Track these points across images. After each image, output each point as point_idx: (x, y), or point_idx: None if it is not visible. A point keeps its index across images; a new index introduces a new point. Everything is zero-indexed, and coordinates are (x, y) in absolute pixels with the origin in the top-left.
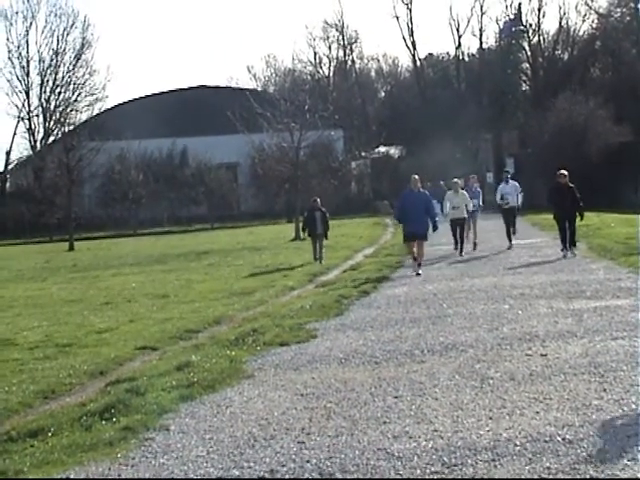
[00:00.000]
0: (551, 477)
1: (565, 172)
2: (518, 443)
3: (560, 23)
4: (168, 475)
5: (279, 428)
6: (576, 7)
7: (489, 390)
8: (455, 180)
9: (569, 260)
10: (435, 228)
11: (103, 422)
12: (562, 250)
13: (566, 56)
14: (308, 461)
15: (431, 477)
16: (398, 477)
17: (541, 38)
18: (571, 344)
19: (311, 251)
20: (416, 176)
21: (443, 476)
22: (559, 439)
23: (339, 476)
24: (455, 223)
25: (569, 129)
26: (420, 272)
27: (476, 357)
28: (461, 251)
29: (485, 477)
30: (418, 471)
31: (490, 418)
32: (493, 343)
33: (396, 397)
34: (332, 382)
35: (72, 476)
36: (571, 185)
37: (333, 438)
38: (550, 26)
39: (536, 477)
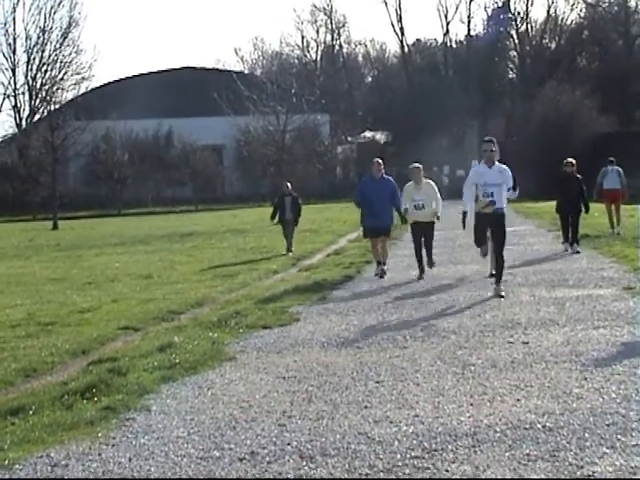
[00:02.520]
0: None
1: (573, 160)
2: (498, 430)
3: (548, 12)
4: (148, 455)
5: (260, 410)
6: None
7: (470, 377)
8: (415, 165)
9: (553, 249)
10: (404, 220)
11: (84, 401)
12: (563, 243)
13: (553, 45)
14: (289, 444)
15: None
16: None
17: (529, 26)
18: (553, 332)
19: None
20: (379, 160)
21: (424, 462)
22: (539, 426)
23: (319, 459)
24: (417, 230)
25: (555, 118)
26: (385, 269)
27: (458, 344)
28: (421, 273)
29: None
30: (398, 456)
31: (471, 404)
32: (475, 330)
33: (377, 382)
34: (314, 366)
35: (52, 454)
36: (578, 175)
37: (314, 421)
38: (538, 14)
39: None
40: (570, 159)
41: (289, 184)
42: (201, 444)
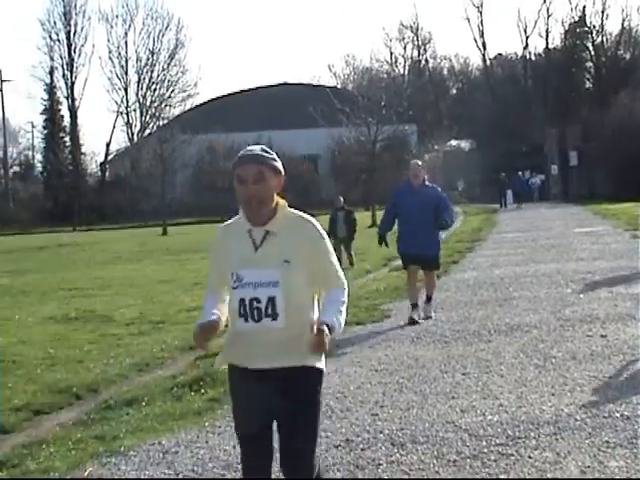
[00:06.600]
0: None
1: None
2: (578, 418)
3: (622, 25)
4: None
5: (355, 401)
6: (638, 9)
7: (551, 368)
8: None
9: (629, 247)
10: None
11: (192, 393)
12: None
13: (628, 56)
14: (381, 432)
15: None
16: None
17: (604, 39)
18: (630, 326)
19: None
20: (418, 162)
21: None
22: (617, 415)
23: (409, 446)
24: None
25: (629, 124)
26: (432, 314)
27: (540, 337)
28: None
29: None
30: (484, 443)
31: (552, 394)
32: (556, 324)
33: (464, 374)
34: (404, 359)
35: (163, 441)
36: None
37: (405, 411)
38: (613, 27)
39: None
40: None
41: (342, 198)
42: None
